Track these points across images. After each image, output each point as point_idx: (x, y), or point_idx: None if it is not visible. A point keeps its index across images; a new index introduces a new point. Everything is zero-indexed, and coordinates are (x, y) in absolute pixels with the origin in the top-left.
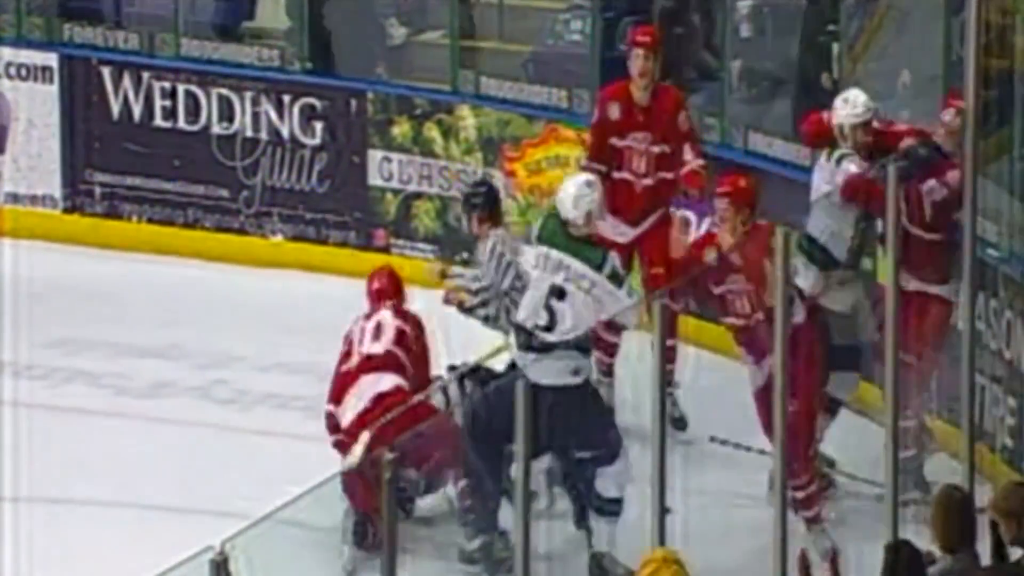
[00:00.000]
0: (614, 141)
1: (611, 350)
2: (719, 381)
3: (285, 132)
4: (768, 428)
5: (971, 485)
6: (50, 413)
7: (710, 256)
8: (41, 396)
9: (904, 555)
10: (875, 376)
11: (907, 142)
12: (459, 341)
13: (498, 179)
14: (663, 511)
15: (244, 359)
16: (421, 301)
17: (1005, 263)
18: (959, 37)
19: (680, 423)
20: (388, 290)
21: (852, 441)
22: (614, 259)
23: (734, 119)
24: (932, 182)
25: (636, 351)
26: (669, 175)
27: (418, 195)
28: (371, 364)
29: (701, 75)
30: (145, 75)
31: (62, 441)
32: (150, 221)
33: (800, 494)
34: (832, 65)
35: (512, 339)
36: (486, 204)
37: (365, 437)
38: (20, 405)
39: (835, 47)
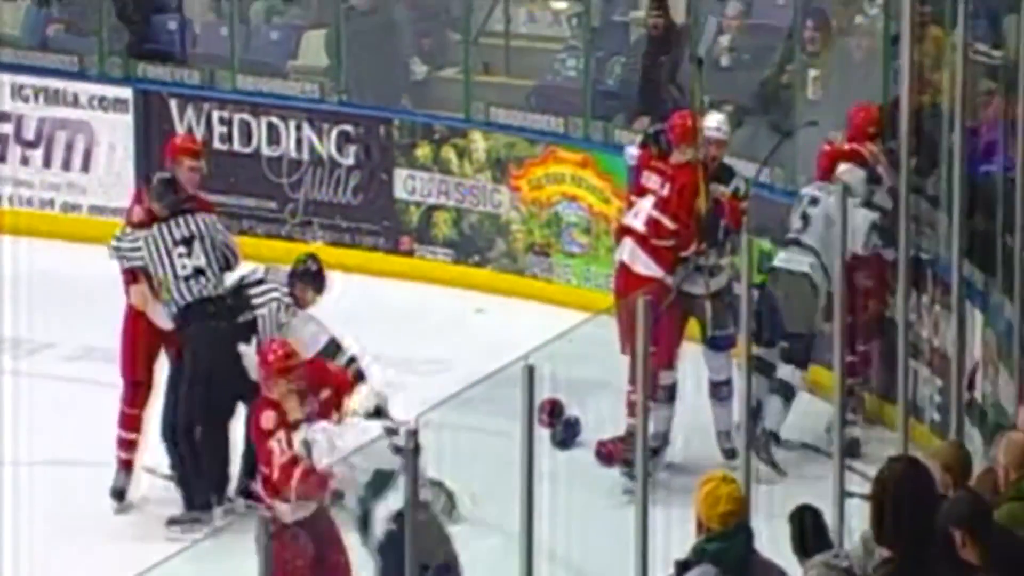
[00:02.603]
0: None
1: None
2: None
3: (324, 154)
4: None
5: (905, 452)
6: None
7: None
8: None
9: (808, 520)
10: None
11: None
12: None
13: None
14: (645, 519)
15: None
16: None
17: (934, 265)
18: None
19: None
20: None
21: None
22: None
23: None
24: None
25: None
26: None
27: (437, 207)
28: None
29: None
30: (206, 106)
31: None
32: None
33: None
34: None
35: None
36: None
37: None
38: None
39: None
